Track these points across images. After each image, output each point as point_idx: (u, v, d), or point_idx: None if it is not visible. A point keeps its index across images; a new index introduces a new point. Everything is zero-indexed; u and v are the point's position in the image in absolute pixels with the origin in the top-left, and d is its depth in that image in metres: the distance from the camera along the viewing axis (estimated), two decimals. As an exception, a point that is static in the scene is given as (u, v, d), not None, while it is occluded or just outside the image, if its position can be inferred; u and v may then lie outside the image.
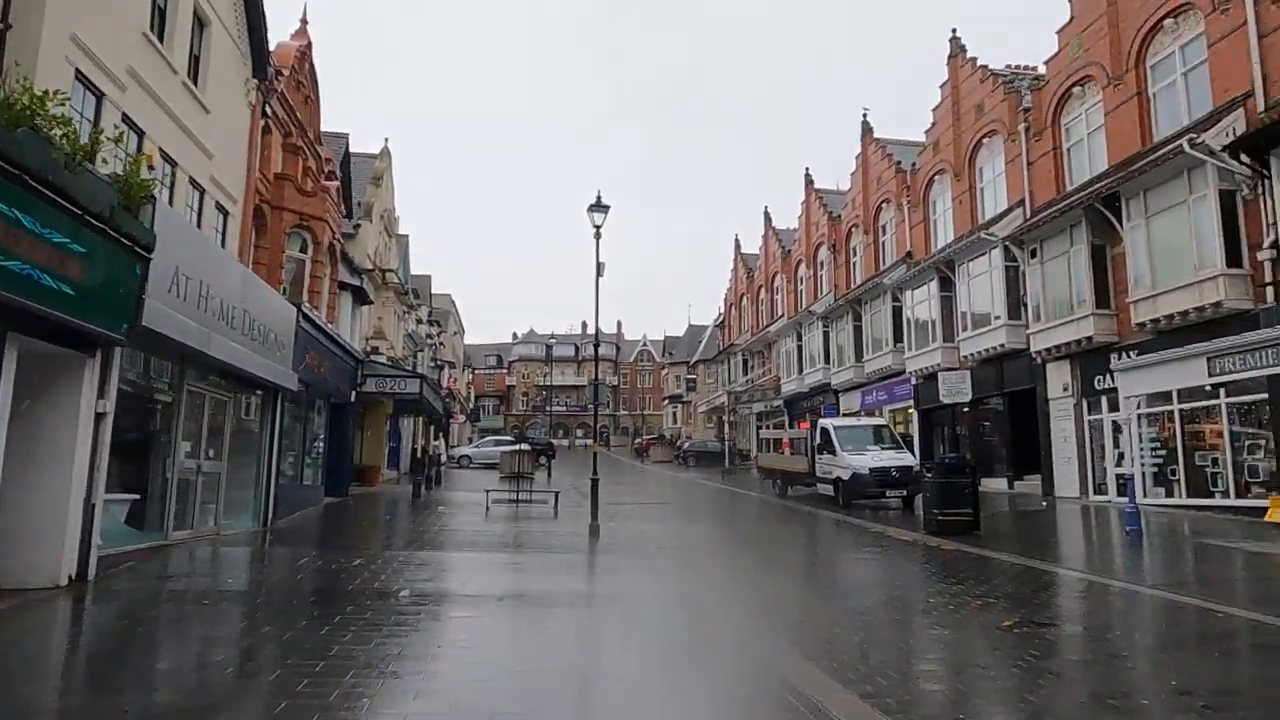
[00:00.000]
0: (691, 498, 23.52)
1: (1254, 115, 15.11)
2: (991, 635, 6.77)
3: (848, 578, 10.51)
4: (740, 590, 9.20)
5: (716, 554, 12.19)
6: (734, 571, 10.74)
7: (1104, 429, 18.96)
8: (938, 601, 8.20)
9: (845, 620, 7.58)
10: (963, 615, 7.51)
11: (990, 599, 8.32)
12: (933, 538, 13.36)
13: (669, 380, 76.62)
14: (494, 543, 12.61)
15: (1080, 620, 7.66)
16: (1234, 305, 14.98)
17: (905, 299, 27.66)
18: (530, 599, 8.24)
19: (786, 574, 10.84)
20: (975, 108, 24.83)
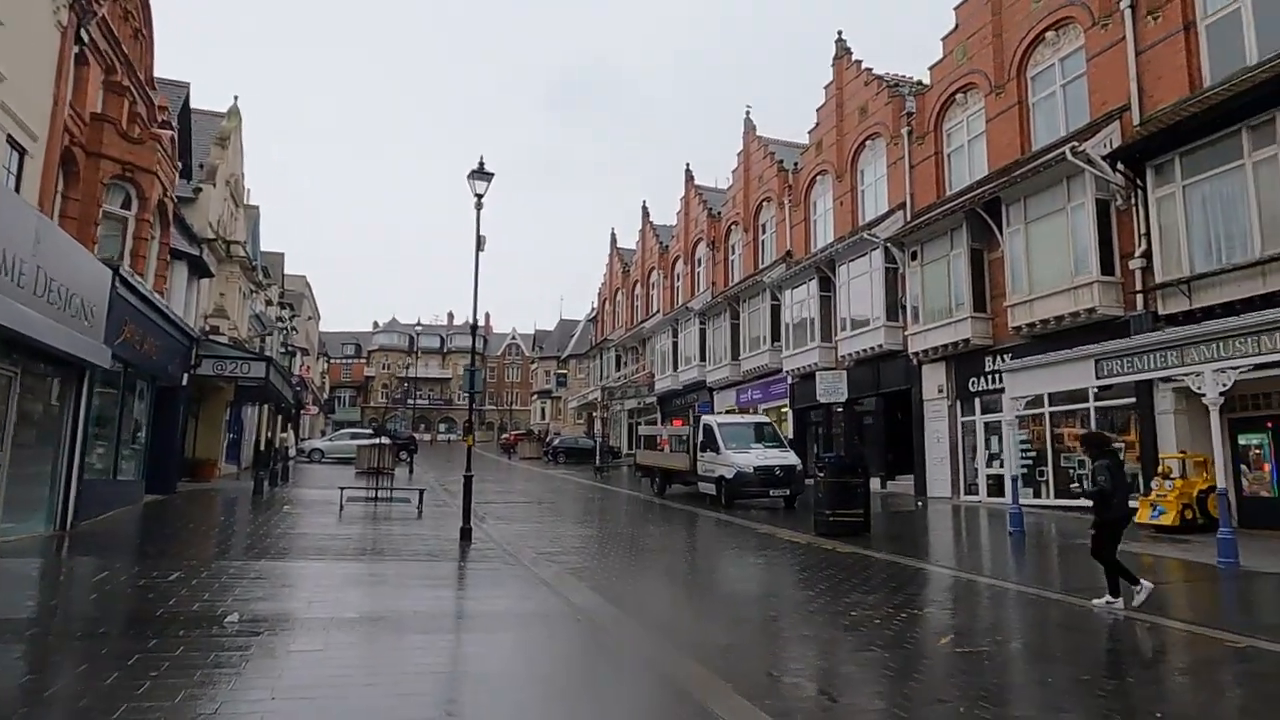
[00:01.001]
0: (566, 497, 22.31)
1: (1129, 128, 15.59)
2: (927, 653, 6.02)
3: (751, 588, 9.65)
4: (639, 605, 8.11)
5: (603, 560, 11.08)
6: (626, 580, 9.66)
7: (976, 431, 19.30)
8: (861, 615, 7.43)
9: (768, 644, 6.66)
10: (886, 627, 6.77)
11: (910, 609, 7.66)
12: (824, 539, 12.84)
13: (538, 375, 74.92)
14: (348, 549, 10.95)
15: (1019, 635, 7.09)
16: (1107, 312, 15.38)
17: (784, 298, 27.58)
18: (392, 622, 6.81)
19: (685, 583, 9.88)
20: (859, 110, 24.98)
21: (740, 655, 6.12)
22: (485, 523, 14.42)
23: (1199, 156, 13.63)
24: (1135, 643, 6.80)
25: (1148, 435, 14.79)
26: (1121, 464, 8.14)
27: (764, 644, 6.61)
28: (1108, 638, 6.91)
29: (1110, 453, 8.12)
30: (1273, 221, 12.43)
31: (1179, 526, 12.99)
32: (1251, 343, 9.91)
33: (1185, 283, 13.65)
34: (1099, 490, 7.69)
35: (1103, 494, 7.67)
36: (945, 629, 7.06)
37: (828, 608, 7.81)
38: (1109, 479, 7.65)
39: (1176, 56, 14.83)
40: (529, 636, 6.55)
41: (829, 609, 7.75)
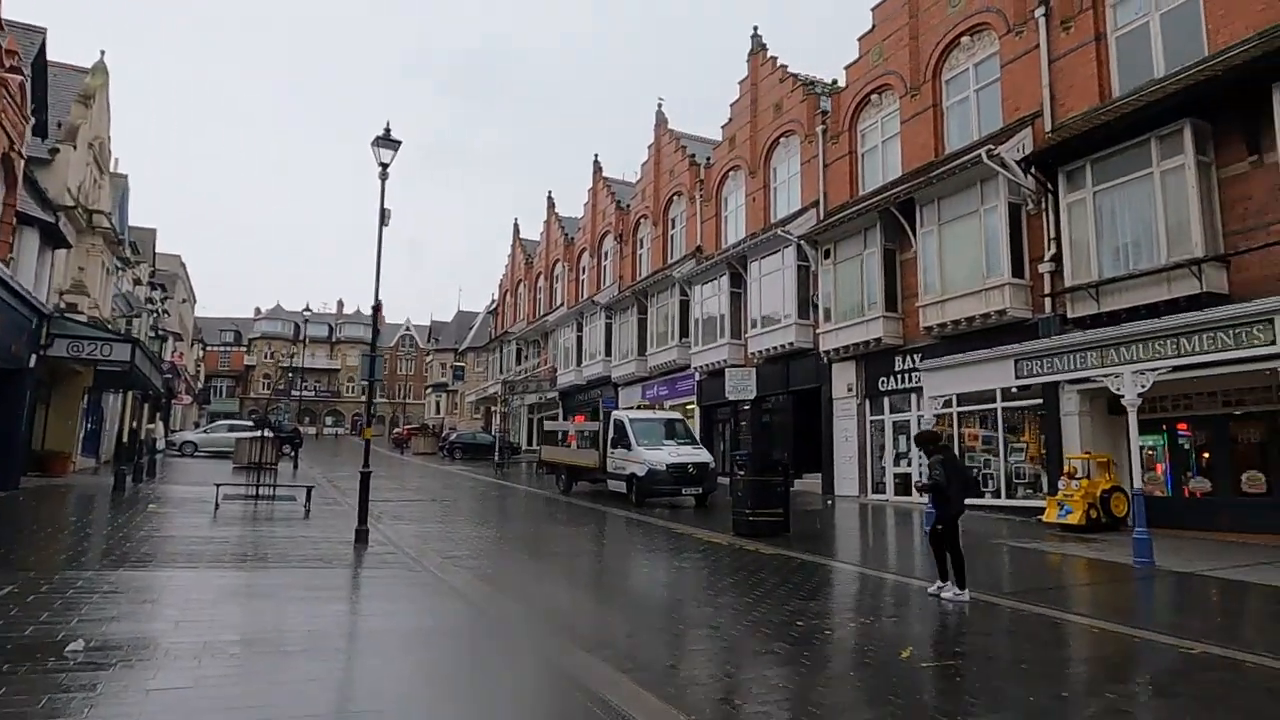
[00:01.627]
0: (467, 494, 21.15)
1: (1041, 135, 15.88)
2: (893, 668, 5.52)
3: (682, 596, 8.97)
4: (565, 616, 7.30)
5: (517, 564, 10.22)
6: (545, 587, 8.84)
7: (885, 430, 19.41)
8: (808, 626, 6.90)
9: (720, 661, 6.01)
10: (844, 640, 6.26)
11: (865, 619, 7.20)
12: (744, 539, 12.39)
13: (434, 368, 72.45)
14: (225, 555, 9.65)
15: (969, 641, 6.72)
16: (1017, 314, 15.62)
17: (694, 293, 27.25)
18: (278, 646, 5.78)
19: (610, 590, 9.14)
20: (774, 106, 24.86)
21: (690, 676, 5.45)
22: (382, 523, 13.25)
23: (1109, 164, 13.94)
24: (1077, 646, 6.54)
25: (1053, 436, 15.09)
26: (955, 459, 8.52)
27: (715, 662, 5.96)
28: (1056, 643, 6.64)
29: (943, 449, 8.54)
30: (1178, 229, 12.78)
31: (1085, 525, 13.23)
32: (1171, 345, 10.04)
33: (1094, 287, 13.93)
34: (934, 484, 8.05)
35: (938, 487, 8.01)
36: (905, 641, 6.61)
37: (769, 617, 7.24)
38: (943, 473, 7.99)
39: (1087, 66, 15.18)
40: (443, 656, 5.67)
41: (771, 618, 7.19)
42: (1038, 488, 15.83)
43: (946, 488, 7.99)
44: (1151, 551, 10.10)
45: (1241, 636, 6.95)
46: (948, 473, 8.03)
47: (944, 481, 7.96)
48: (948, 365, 13.57)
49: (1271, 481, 12.92)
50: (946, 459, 8.22)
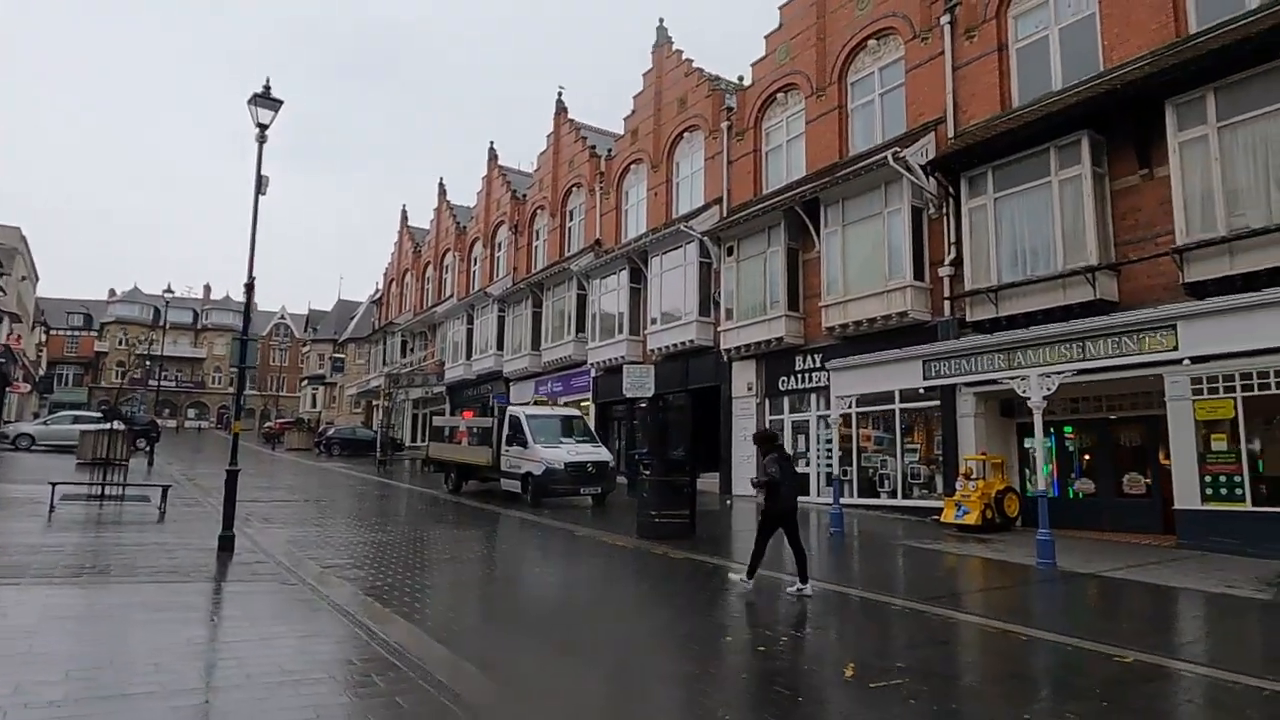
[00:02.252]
0: (348, 494, 19.69)
1: (944, 140, 16.12)
2: (842, 687, 5.05)
3: (605, 609, 8.29)
4: (477, 643, 6.46)
5: (410, 575, 9.21)
6: (447, 603, 7.93)
7: (785, 429, 19.34)
8: (763, 641, 6.37)
9: (673, 696, 5.37)
10: (805, 663, 5.76)
11: (786, 631, 6.73)
12: (651, 542, 11.83)
13: (311, 359, 68.64)
14: (58, 567, 8.25)
15: (913, 656, 6.35)
16: (917, 316, 15.78)
17: (592, 287, 26.59)
18: (111, 687, 4.70)
19: (524, 607, 8.31)
20: (678, 100, 24.51)
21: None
22: (250, 527, 11.93)
23: (1010, 171, 14.22)
24: (1017, 657, 6.31)
25: (949, 437, 15.31)
26: (789, 459, 8.88)
27: (667, 697, 5.31)
28: (1000, 655, 6.38)
29: (778, 448, 8.92)
30: (1074, 237, 13.13)
31: (981, 526, 13.41)
32: (1076, 349, 10.19)
33: (993, 291, 14.18)
34: (769, 480, 8.36)
35: (772, 483, 8.33)
36: (841, 654, 6.18)
37: (708, 634, 6.67)
38: (779, 470, 8.33)
39: (990, 75, 15.49)
40: (328, 699, 4.76)
41: (711, 636, 6.62)
42: (932, 488, 16.06)
43: (780, 485, 8.32)
44: (1054, 553, 10.20)
45: (1170, 644, 6.91)
46: (782, 471, 8.37)
47: (778, 478, 8.30)
48: (856, 365, 13.49)
49: (1150, 483, 13.49)
50: (780, 458, 8.58)
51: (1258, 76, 11.12)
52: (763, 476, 8.48)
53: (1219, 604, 8.05)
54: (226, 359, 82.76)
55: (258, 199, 10.17)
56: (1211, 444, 11.58)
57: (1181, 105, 11.95)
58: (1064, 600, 8.76)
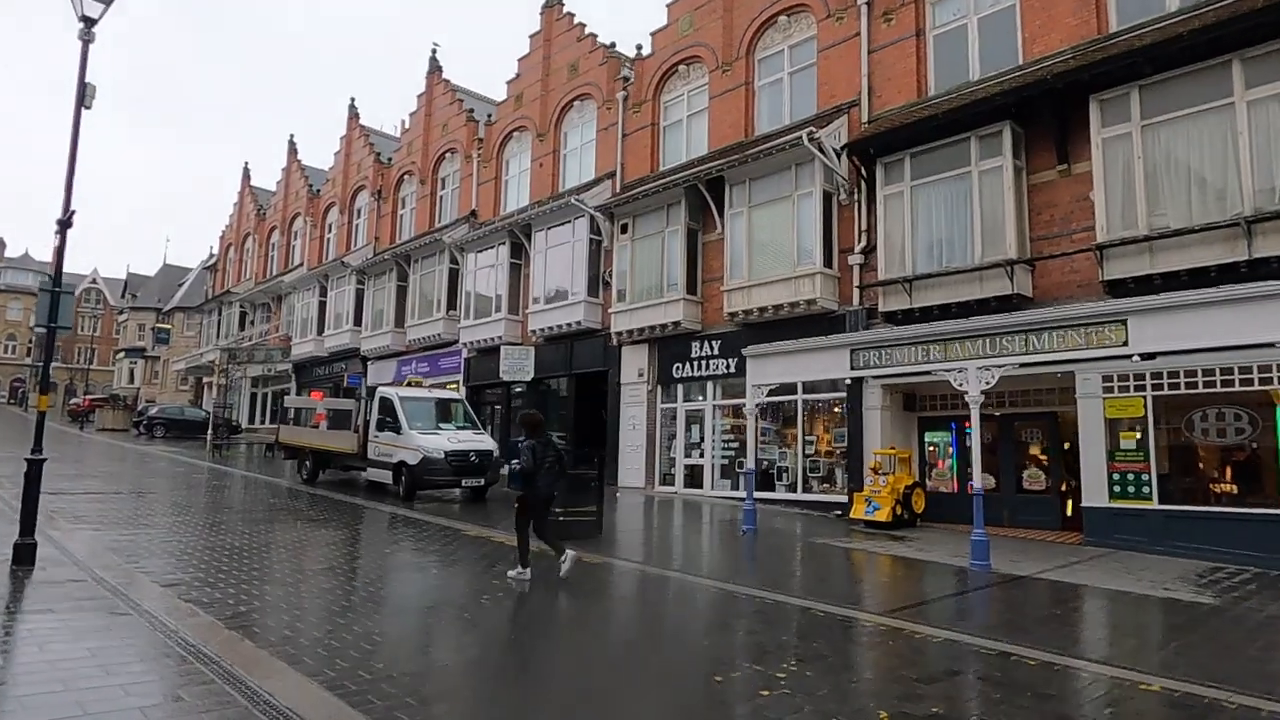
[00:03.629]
0: (180, 485, 16.93)
1: (856, 125, 15.64)
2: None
3: (513, 633, 6.89)
4: (385, 699, 4.93)
5: (280, 592, 7.40)
6: (337, 634, 6.27)
7: (677, 418, 18.44)
8: (743, 668, 5.19)
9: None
10: (804, 691, 4.64)
11: (771, 654, 5.62)
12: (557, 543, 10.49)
13: (129, 329, 61.42)
14: None
15: (934, 692, 5.39)
16: (826, 304, 15.24)
17: (466, 261, 24.65)
18: None
19: (442, 637, 6.74)
20: (569, 67, 22.99)
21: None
22: (56, 528, 9.56)
23: (929, 159, 13.86)
24: (1032, 684, 5.53)
25: (855, 430, 14.86)
26: (549, 444, 8.74)
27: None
28: (1006, 683, 5.56)
29: (539, 434, 8.72)
30: (993, 230, 12.90)
31: (891, 522, 13.00)
32: (1020, 341, 9.76)
33: (907, 282, 13.78)
34: (522, 469, 8.37)
35: (524, 472, 8.32)
36: (851, 687, 5.13)
37: (680, 663, 5.45)
38: (530, 459, 8.27)
39: (906, 61, 15.12)
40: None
41: (683, 666, 5.40)
42: (833, 482, 15.64)
43: (534, 472, 8.28)
44: (989, 554, 9.75)
45: (1174, 662, 6.38)
46: (536, 459, 8.29)
47: (531, 468, 8.25)
48: (776, 353, 12.68)
49: (1050, 480, 13.56)
50: (538, 445, 8.44)
51: (1184, 77, 11.14)
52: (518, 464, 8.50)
53: (1176, 611, 7.72)
54: (22, 325, 73.07)
55: (79, 112, 7.89)
56: (1121, 442, 11.60)
57: (1106, 101, 11.87)
58: (1029, 609, 8.16)
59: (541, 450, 8.43)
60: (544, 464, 8.38)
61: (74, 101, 7.90)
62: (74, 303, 8.17)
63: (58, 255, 7.82)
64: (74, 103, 7.90)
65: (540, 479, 8.36)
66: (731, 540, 12.10)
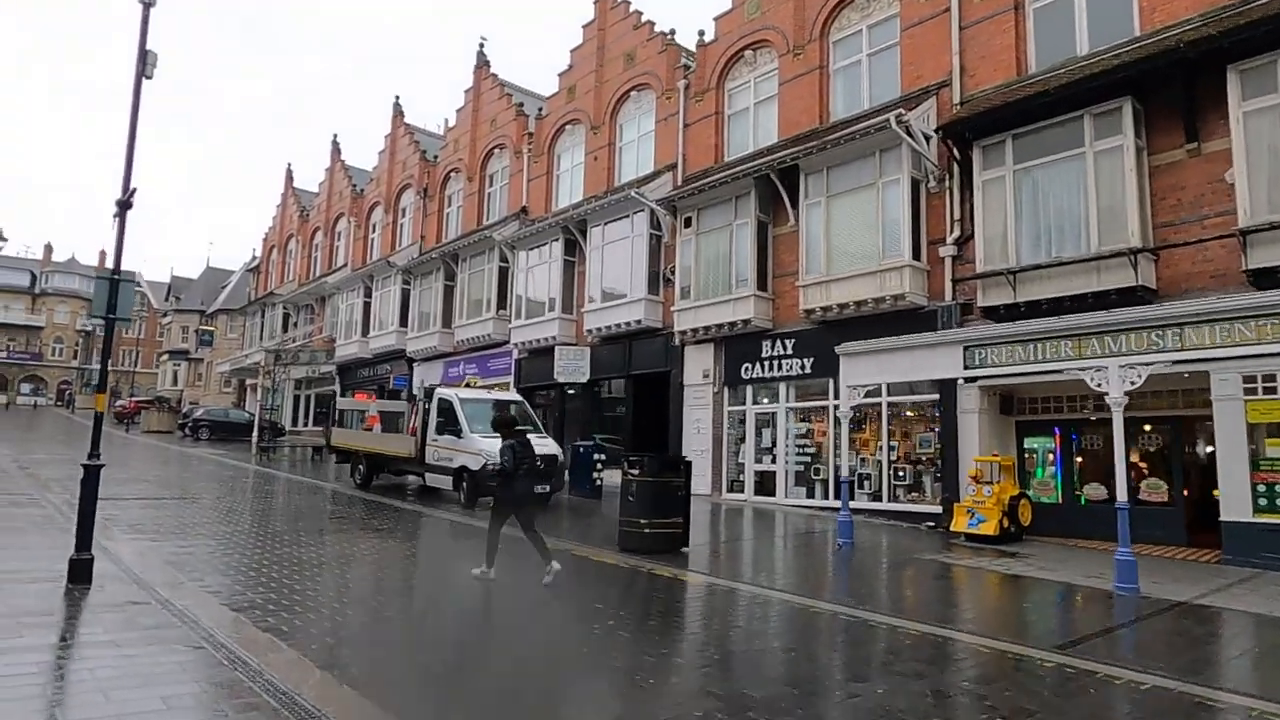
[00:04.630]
0: (231, 489, 16.29)
1: (947, 107, 14.55)
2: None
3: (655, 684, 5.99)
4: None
5: (375, 622, 6.59)
6: (446, 678, 5.42)
7: (747, 421, 17.45)
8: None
9: None
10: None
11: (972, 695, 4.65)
12: (639, 558, 9.61)
13: (172, 331, 61.84)
14: None
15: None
16: (915, 299, 14.18)
17: (517, 260, 23.88)
18: None
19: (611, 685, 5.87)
20: (625, 56, 22.12)
21: None
22: (112, 539, 8.85)
23: (1034, 140, 12.73)
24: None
25: (948, 436, 13.76)
26: (527, 447, 8.56)
27: None
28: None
29: (516, 434, 8.66)
30: (1111, 216, 11.75)
31: (999, 536, 11.90)
32: (1173, 336, 8.64)
33: (1011, 274, 12.66)
34: (500, 469, 8.45)
35: (503, 472, 8.36)
36: None
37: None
38: (511, 459, 8.26)
39: (1003, 36, 14.00)
40: None
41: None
42: (920, 490, 14.55)
43: (512, 474, 8.26)
44: (1136, 576, 8.65)
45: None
46: (516, 459, 8.26)
47: (510, 468, 8.24)
48: (873, 350, 11.65)
49: (1173, 490, 12.36)
50: (516, 445, 8.37)
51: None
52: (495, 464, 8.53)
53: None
54: (69, 328, 74.06)
55: (140, 81, 7.16)
56: (1266, 449, 10.42)
57: (1247, 72, 10.69)
58: (1222, 646, 7.07)
59: (521, 450, 8.38)
60: (523, 464, 8.33)
61: (134, 70, 7.17)
62: (134, 292, 7.44)
63: (118, 239, 7.08)
64: (134, 72, 7.17)
65: (519, 480, 8.32)
66: (830, 555, 11.08)
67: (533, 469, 8.59)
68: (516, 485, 8.33)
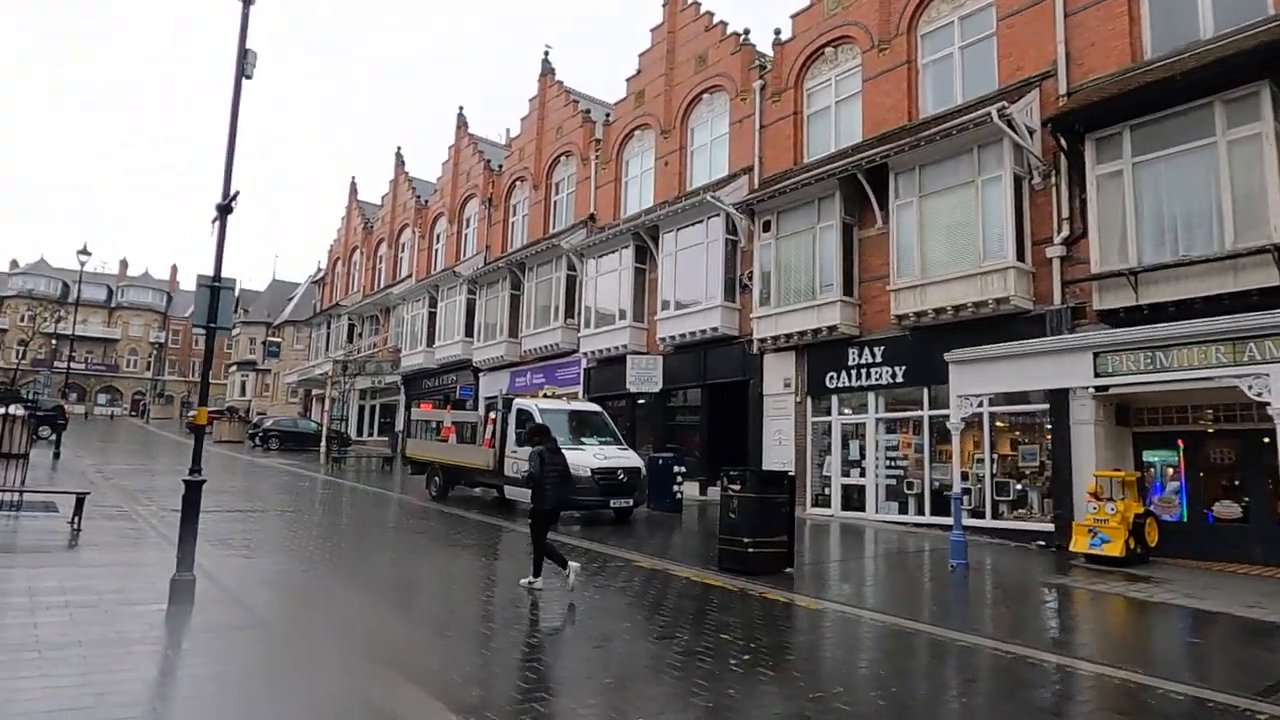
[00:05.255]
0: (312, 501, 16.20)
1: (1051, 99, 13.71)
2: None
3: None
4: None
5: (495, 655, 6.16)
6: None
7: (833, 433, 16.71)
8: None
9: None
10: None
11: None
12: (744, 579, 9.03)
13: (240, 343, 63.33)
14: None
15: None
16: (1020, 303, 13.35)
17: (586, 268, 23.54)
18: None
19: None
20: (696, 59, 21.64)
21: None
22: (204, 555, 8.58)
23: (1156, 131, 11.84)
24: None
25: (1061, 449, 12.87)
26: (556, 454, 8.47)
27: None
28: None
29: (544, 442, 8.55)
30: (1248, 209, 10.81)
31: (1125, 558, 10.99)
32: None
33: (1132, 274, 11.77)
34: (529, 477, 8.40)
35: (534, 482, 8.31)
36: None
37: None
38: (539, 467, 8.25)
39: (1116, 21, 13.10)
40: None
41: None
42: (1026, 507, 13.66)
43: (543, 482, 8.22)
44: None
45: None
46: (544, 467, 8.23)
47: (539, 475, 8.21)
48: (990, 357, 10.84)
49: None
50: (544, 453, 8.33)
51: None
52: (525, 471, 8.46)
53: None
54: (143, 340, 76.46)
55: (240, 81, 6.91)
56: None
57: None
58: None
59: (550, 457, 8.34)
60: (551, 472, 8.28)
61: (234, 69, 6.91)
62: (234, 300, 7.16)
63: (219, 242, 6.82)
64: (234, 71, 6.91)
65: (549, 487, 8.27)
66: (944, 577, 10.34)
67: (562, 476, 8.50)
68: (547, 492, 8.28)
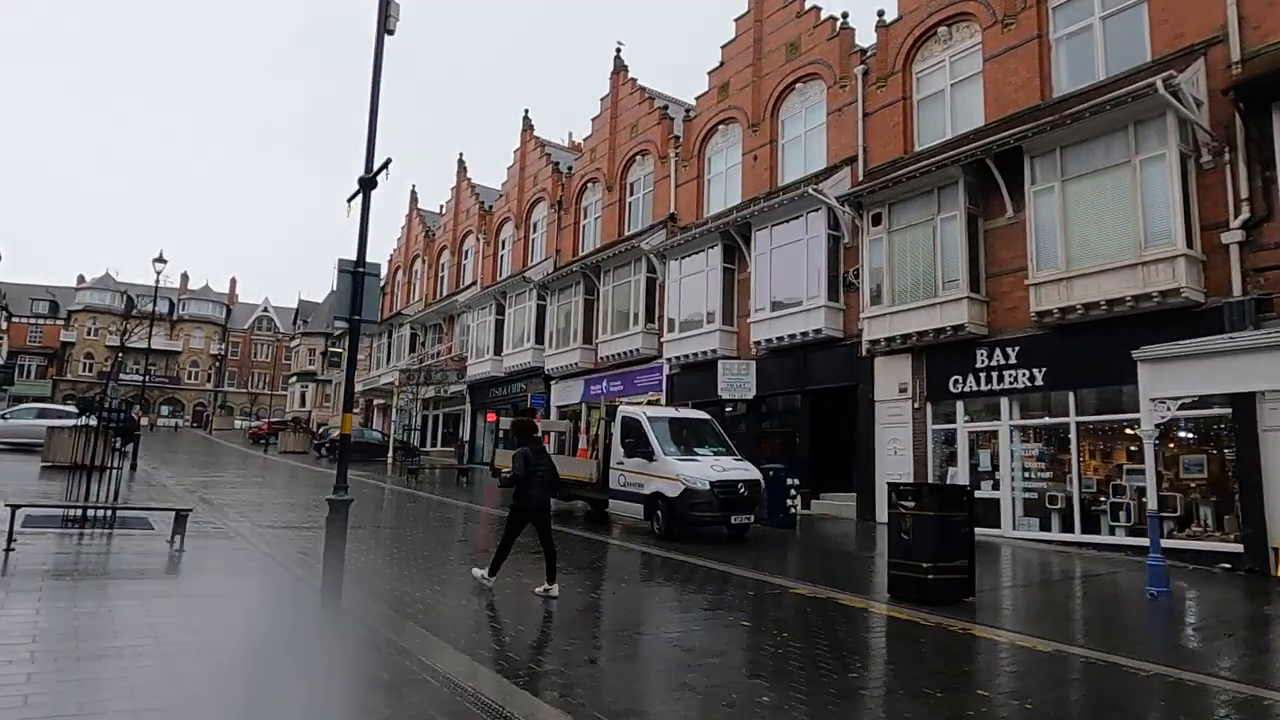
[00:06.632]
0: (400, 515, 15.34)
1: (1219, 67, 12.26)
2: None
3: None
4: None
5: (631, 684, 5.11)
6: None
7: (958, 441, 15.34)
8: None
9: None
10: None
11: None
12: (921, 609, 7.80)
13: (300, 354, 63.69)
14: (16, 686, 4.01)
15: None
16: (1191, 295, 11.90)
17: (668, 270, 22.48)
18: None
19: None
20: (787, 47, 20.49)
21: None
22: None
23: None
24: None
25: (1247, 459, 11.38)
26: (541, 454, 8.36)
27: None
28: None
29: (533, 440, 8.44)
30: None
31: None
32: None
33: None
34: (512, 477, 8.11)
35: (515, 480, 8.07)
36: None
37: None
38: (525, 466, 8.03)
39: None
40: None
41: None
42: (1200, 523, 12.15)
43: (527, 481, 8.06)
44: None
45: None
46: (529, 467, 8.07)
47: (523, 476, 8.04)
48: (1190, 355, 9.44)
49: None
50: (529, 453, 8.17)
51: None
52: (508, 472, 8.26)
53: None
54: (204, 352, 77.59)
55: (381, 38, 5.97)
56: None
57: None
58: None
59: (534, 458, 8.15)
60: (537, 473, 8.10)
61: (375, 28, 5.98)
62: (379, 289, 6.22)
63: (362, 221, 5.89)
64: (375, 30, 5.98)
65: (534, 488, 8.10)
66: (1147, 607, 8.98)
67: (546, 477, 8.28)
68: (532, 493, 8.10)
